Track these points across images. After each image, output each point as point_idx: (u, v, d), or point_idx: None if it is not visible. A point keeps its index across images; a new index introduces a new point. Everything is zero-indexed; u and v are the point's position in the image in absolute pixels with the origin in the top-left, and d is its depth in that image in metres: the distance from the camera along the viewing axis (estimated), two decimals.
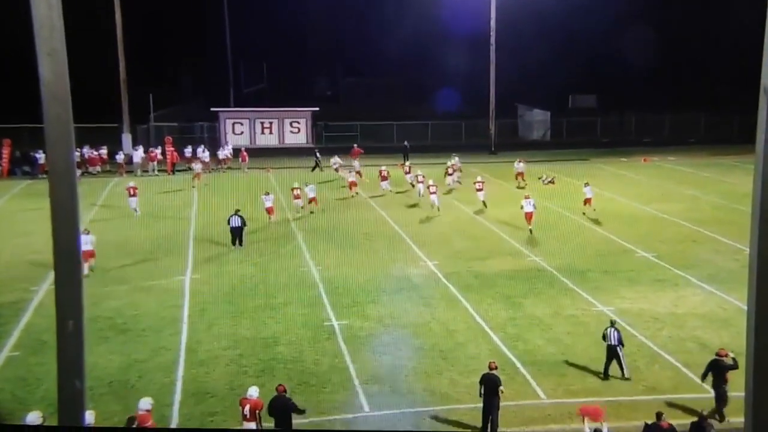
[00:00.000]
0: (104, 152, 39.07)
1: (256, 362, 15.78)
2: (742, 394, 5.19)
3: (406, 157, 43.10)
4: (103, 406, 11.96)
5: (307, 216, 29.07)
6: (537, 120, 55.04)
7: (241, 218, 24.45)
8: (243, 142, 45.47)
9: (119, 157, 38.62)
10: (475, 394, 13.80)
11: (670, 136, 49.51)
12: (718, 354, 14.03)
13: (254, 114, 48.42)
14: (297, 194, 29.53)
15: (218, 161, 39.81)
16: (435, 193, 29.92)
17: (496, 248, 24.90)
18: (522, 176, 35.55)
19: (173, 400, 14.05)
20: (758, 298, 4.98)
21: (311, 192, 29.79)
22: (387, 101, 58.35)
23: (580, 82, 61.18)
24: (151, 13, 51.41)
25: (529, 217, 26.57)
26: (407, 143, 43.84)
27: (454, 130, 50.21)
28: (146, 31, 48.58)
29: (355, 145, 41.12)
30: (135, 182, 30.19)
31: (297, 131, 49.01)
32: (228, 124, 47.71)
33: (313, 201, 29.60)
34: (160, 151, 39.17)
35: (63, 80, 8.75)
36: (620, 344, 15.34)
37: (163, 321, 17.84)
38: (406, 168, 35.91)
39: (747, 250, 5.14)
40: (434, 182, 30.85)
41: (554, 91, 58.33)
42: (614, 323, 15.86)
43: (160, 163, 37.51)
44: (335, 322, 18.02)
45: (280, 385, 12.88)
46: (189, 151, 40.67)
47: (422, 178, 31.70)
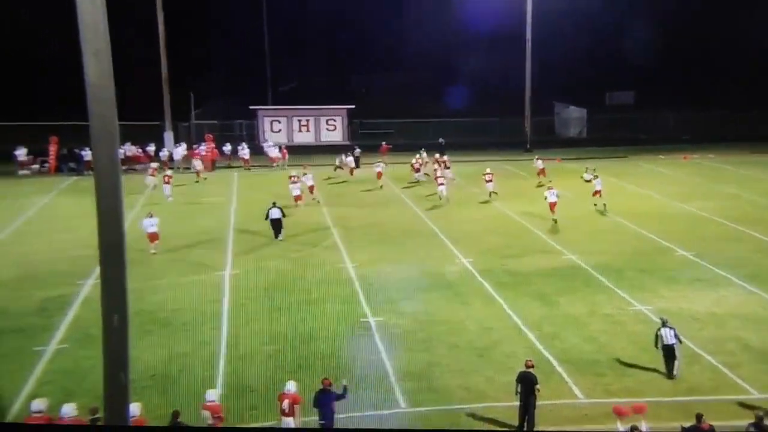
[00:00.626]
0: (151, 150, 39.55)
1: (294, 357, 15.84)
2: None
3: (442, 154, 42.91)
4: (146, 398, 12.09)
5: (344, 213, 29.08)
6: (573, 117, 54.23)
7: (279, 209, 25.06)
8: (281, 139, 45.72)
9: (162, 155, 39.15)
10: (511, 392, 13.62)
11: (710, 134, 48.29)
12: None
13: (292, 112, 48.67)
14: (294, 180, 30.48)
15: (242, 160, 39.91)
16: (443, 184, 30.65)
17: (531, 246, 24.59)
18: (543, 173, 35.50)
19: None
20: None
21: (309, 180, 30.99)
22: (422, 98, 58.06)
23: (617, 79, 60.10)
24: (191, 13, 51.98)
25: (552, 207, 27.23)
26: (442, 140, 43.61)
27: (489, 127, 49.75)
28: (187, 29, 49.09)
29: (384, 142, 41.33)
30: (172, 173, 31.91)
31: (333, 129, 49.12)
32: (266, 122, 48.04)
33: (311, 189, 30.80)
34: (201, 149, 39.60)
35: (108, 79, 8.84)
36: (678, 341, 15.01)
37: (204, 315, 18.00)
38: (416, 164, 36.25)
39: None
40: (442, 174, 31.81)
41: (591, 87, 57.39)
42: (666, 322, 15.47)
43: (201, 160, 37.94)
44: (371, 319, 17.98)
45: (325, 379, 12.93)
46: (228, 149, 41.08)
47: (443, 180, 31.79)
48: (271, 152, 40.70)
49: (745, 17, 53.88)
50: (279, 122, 48.20)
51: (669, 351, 15.01)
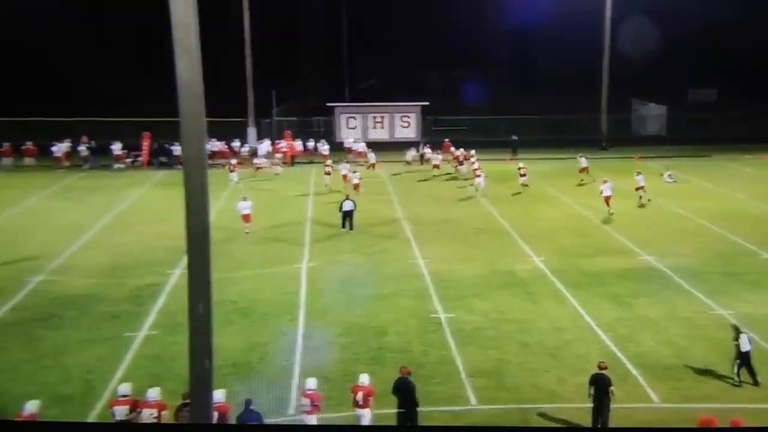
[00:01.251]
0: (237, 145, 40.46)
1: (367, 350, 15.92)
2: None
3: (515, 151, 42.24)
4: (227, 385, 12.35)
5: (416, 209, 29.01)
6: (652, 115, 52.21)
7: (352, 202, 25.69)
8: (356, 136, 46.02)
9: (244, 150, 40.06)
10: (583, 393, 13.26)
11: None
12: None
13: (367, 109, 48.89)
14: (328, 171, 31.75)
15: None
16: (480, 176, 31.37)
17: (605, 246, 23.87)
18: (587, 171, 34.78)
19: (291, 383, 14.39)
20: None
21: (344, 170, 32.07)
22: (496, 95, 57.23)
23: (699, 76, 57.49)
24: (275, 13, 52.91)
25: (607, 200, 27.44)
26: (515, 137, 42.88)
27: (564, 124, 48.55)
28: (270, 28, 49.90)
29: (447, 139, 41.25)
30: (236, 161, 34.50)
31: (407, 125, 48.98)
32: (342, 118, 48.45)
33: (344, 178, 31.57)
34: (282, 145, 40.31)
35: (197, 77, 9.06)
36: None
37: (282, 306, 18.31)
38: (460, 158, 36.51)
39: None
40: (479, 165, 32.36)
41: (671, 84, 55.12)
42: (740, 329, 14.82)
43: (282, 156, 38.66)
44: (442, 315, 17.87)
45: (404, 368, 12.96)
46: (312, 144, 41.57)
47: (480, 173, 32.02)
48: (357, 147, 40.91)
49: None
50: (354, 119, 48.50)
51: (746, 358, 14.30)
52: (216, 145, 39.01)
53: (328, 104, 48.37)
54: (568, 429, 13.25)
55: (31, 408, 11.61)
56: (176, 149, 36.01)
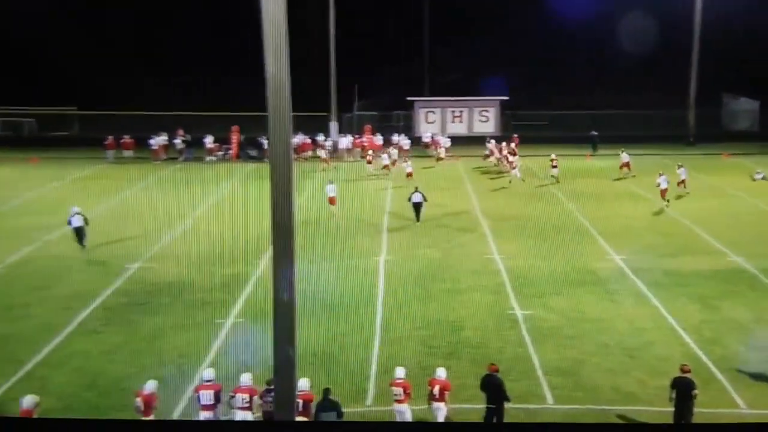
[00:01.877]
0: (321, 139, 41.09)
1: (444, 344, 15.86)
2: None
3: (595, 147, 40.98)
4: (310, 374, 12.53)
5: (494, 204, 28.63)
6: (743, 110, 49.39)
7: (421, 194, 25.89)
8: (434, 130, 45.86)
9: (327, 144, 40.61)
10: (664, 397, 12.75)
11: None
12: None
13: (446, 103, 48.60)
14: (369, 160, 33.26)
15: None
16: (516, 167, 32.20)
17: (689, 245, 22.82)
18: (628, 166, 33.59)
19: (370, 374, 14.53)
20: None
21: (408, 167, 32.56)
22: (577, 90, 55.58)
23: None
24: (359, 9, 53.20)
25: (663, 194, 27.57)
26: (595, 132, 41.57)
27: (647, 119, 46.62)
28: (354, 23, 50.15)
29: (515, 134, 40.74)
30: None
31: (486, 120, 48.46)
32: (422, 112, 48.36)
33: (409, 176, 32.01)
34: (363, 139, 40.64)
35: (285, 73, 9.22)
36: None
37: (361, 298, 18.45)
38: (496, 151, 36.47)
39: None
40: (513, 158, 32.93)
41: (765, 79, 51.85)
42: None
43: (363, 150, 38.99)
44: (519, 311, 17.57)
45: (492, 364, 12.89)
46: (396, 138, 41.64)
47: (515, 163, 32.29)
48: (443, 142, 40.81)
49: None
50: (434, 113, 48.34)
51: None
52: (300, 138, 39.66)
53: (408, 98, 48.37)
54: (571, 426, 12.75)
55: (30, 403, 11.45)
56: (265, 143, 36.91)
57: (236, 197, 30.57)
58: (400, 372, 12.46)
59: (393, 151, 35.57)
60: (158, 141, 40.22)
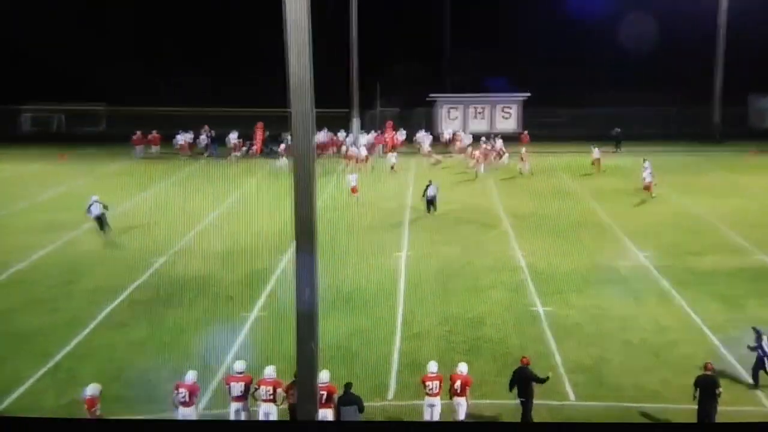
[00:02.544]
0: (342, 136, 41.05)
1: (464, 340, 15.74)
2: None
3: (618, 145, 40.42)
4: (331, 368, 12.51)
5: (515, 201, 28.38)
6: None
7: (435, 187, 26.52)
8: (456, 127, 45.62)
9: (348, 141, 40.57)
10: (688, 395, 12.52)
11: None
12: None
13: (468, 100, 48.32)
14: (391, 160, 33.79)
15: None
16: (480, 164, 33.01)
17: (715, 243, 22.40)
18: (598, 162, 33.62)
19: (391, 369, 14.45)
20: None
21: (393, 159, 34.36)
22: (597, 87, 54.87)
23: None
24: (380, 5, 53.02)
25: (648, 186, 28.12)
26: (618, 130, 41.00)
27: (669, 117, 45.88)
28: (375, 19, 49.96)
29: (525, 131, 40.66)
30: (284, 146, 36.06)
31: (508, 117, 48.13)
32: (444, 109, 48.15)
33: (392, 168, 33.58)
34: (385, 136, 40.52)
35: (308, 72, 9.18)
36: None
37: (382, 294, 18.36)
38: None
39: None
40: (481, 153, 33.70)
41: None
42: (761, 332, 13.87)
43: (384, 146, 38.88)
44: (540, 308, 17.38)
45: (524, 357, 12.79)
46: (422, 135, 41.49)
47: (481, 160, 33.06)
48: (466, 139, 40.61)
49: None
50: (456, 110, 48.10)
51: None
52: (323, 136, 39.65)
53: (430, 95, 48.17)
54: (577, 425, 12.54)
55: (93, 391, 11.60)
56: (288, 139, 36.93)
57: (260, 194, 30.64)
58: (433, 367, 12.40)
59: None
60: (184, 137, 40.52)
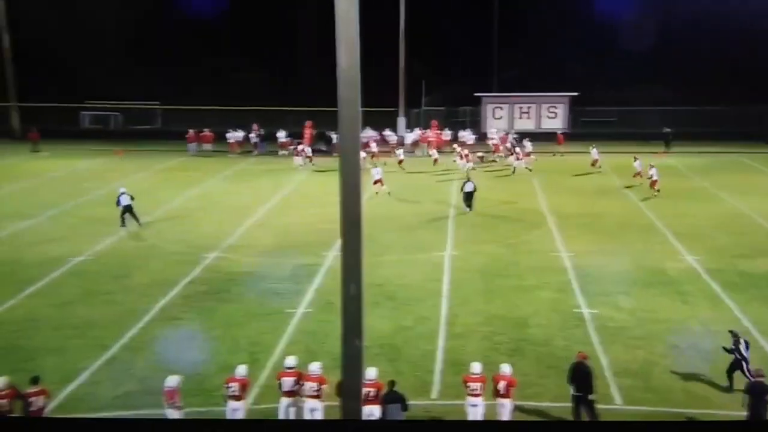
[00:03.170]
0: (388, 134, 41.02)
1: (508, 341, 15.52)
2: None
3: (668, 144, 39.34)
4: (376, 365, 12.46)
5: (560, 201, 27.88)
6: None
7: (473, 184, 26.33)
8: (502, 126, 45.09)
9: (392, 139, 40.55)
10: (738, 401, 12.12)
11: None
12: None
13: (514, 99, 47.68)
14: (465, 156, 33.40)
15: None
16: (462, 160, 33.03)
17: (765, 246, 21.57)
18: (596, 163, 33.32)
19: (434, 368, 14.35)
20: None
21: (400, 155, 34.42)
22: (647, 86, 53.42)
23: None
24: (426, 6, 52.79)
25: (653, 184, 28.01)
26: (668, 129, 39.85)
27: (721, 116, 44.32)
28: (422, 18, 49.67)
29: (560, 132, 40.22)
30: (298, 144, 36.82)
31: (554, 116, 47.32)
32: (489, 108, 47.63)
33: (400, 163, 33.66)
34: (430, 134, 40.33)
35: (356, 68, 9.13)
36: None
37: (426, 292, 18.27)
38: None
39: None
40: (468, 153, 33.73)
41: None
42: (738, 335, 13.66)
43: (429, 145, 38.73)
44: (585, 310, 17.01)
45: (580, 352, 12.59)
46: (467, 133, 41.14)
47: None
48: (510, 139, 40.07)
49: None
50: (501, 109, 47.53)
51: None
52: (369, 133, 39.64)
53: (476, 94, 47.71)
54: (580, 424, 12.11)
55: (173, 382, 11.80)
56: (336, 137, 37.07)
57: (307, 190, 30.88)
58: (476, 368, 12.25)
59: (458, 148, 35.34)
60: (234, 135, 41.17)
